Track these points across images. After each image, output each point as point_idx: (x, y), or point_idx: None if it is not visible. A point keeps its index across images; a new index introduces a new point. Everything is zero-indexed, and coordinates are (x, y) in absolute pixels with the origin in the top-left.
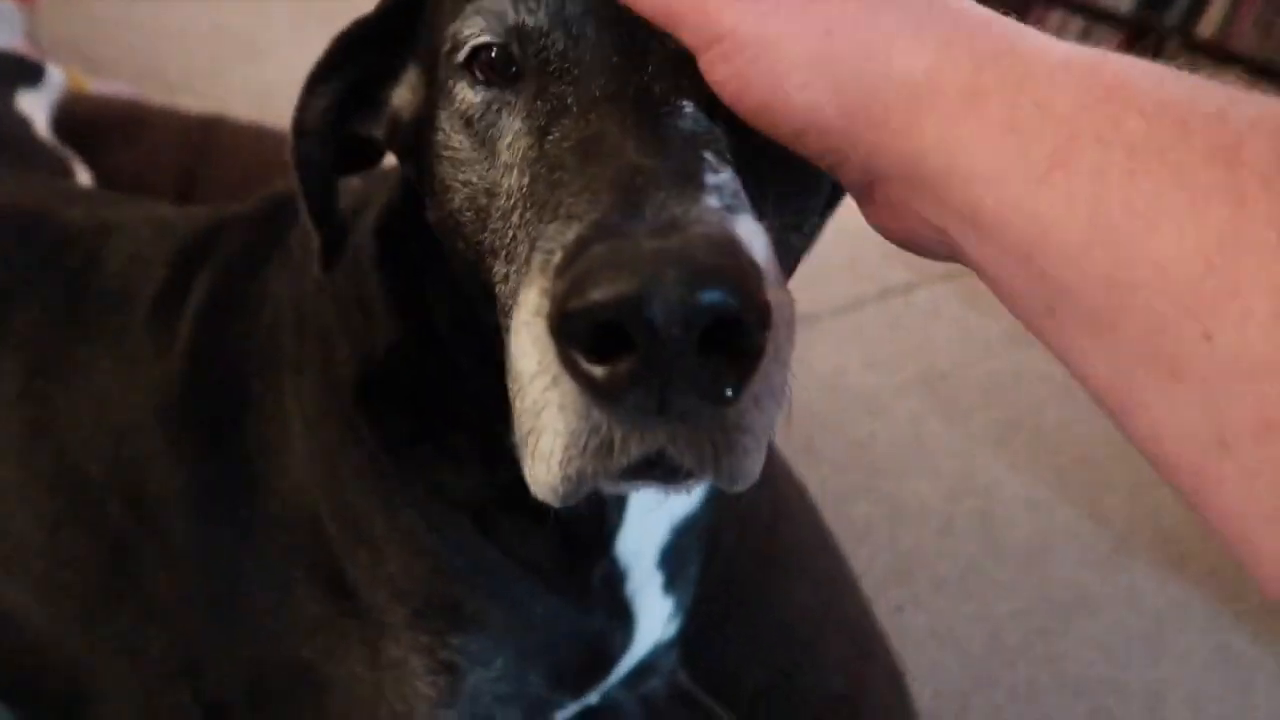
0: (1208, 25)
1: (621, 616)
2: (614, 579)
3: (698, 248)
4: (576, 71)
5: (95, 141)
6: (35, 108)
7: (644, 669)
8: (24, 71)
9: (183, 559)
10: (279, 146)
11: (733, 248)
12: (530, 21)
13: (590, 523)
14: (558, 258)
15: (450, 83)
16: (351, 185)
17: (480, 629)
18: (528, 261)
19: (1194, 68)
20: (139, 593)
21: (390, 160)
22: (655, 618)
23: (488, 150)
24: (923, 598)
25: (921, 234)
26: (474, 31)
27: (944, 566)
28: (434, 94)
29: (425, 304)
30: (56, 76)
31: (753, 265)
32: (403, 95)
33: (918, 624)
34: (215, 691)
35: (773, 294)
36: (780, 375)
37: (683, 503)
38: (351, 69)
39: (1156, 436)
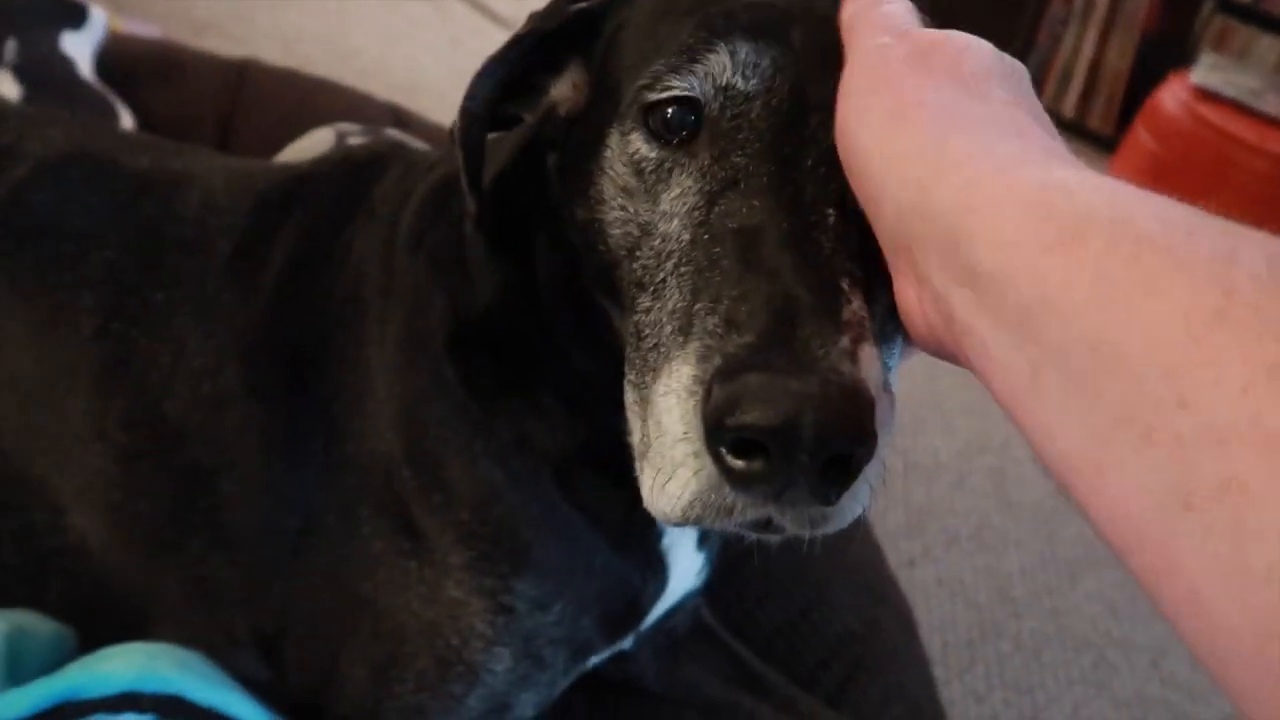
0: None
1: (655, 568)
2: (652, 534)
3: (831, 396)
4: (757, 147)
5: (131, 83)
6: (79, 49)
7: (671, 611)
8: (67, 13)
9: (256, 493)
10: (312, 92)
11: (856, 396)
12: (742, 85)
13: None
14: (718, 361)
15: (630, 123)
16: None
17: (543, 575)
18: (683, 332)
19: (1229, 31)
20: (210, 523)
21: None
22: (687, 570)
23: (650, 196)
24: (934, 551)
25: (928, 305)
26: (681, 86)
27: (956, 521)
28: (606, 109)
29: (527, 268)
30: (99, 18)
31: (869, 405)
32: (563, 90)
33: (928, 576)
34: (272, 620)
35: (880, 416)
36: (875, 469)
37: None
38: (519, 62)
39: (1123, 498)
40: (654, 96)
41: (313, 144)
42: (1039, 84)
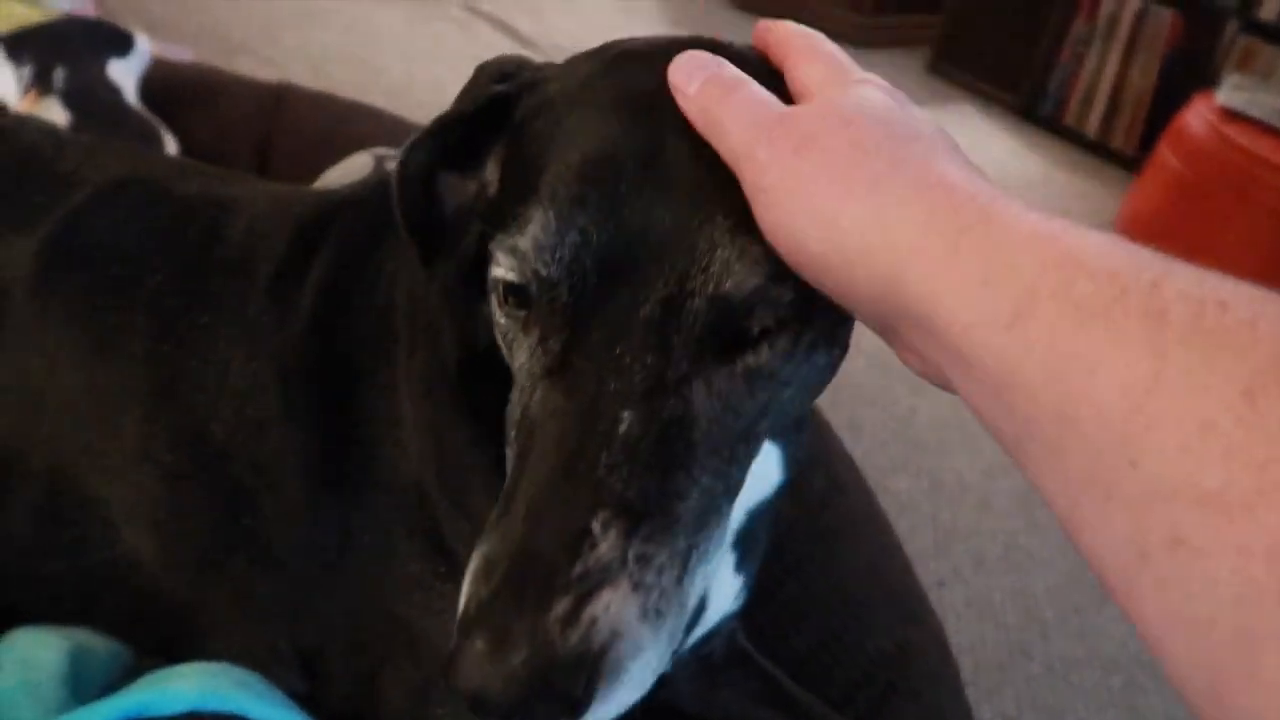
0: (1270, 7)
1: None
2: None
3: (518, 678)
4: (565, 335)
5: (174, 108)
6: (125, 76)
7: (709, 634)
8: (114, 41)
9: (294, 513)
10: (346, 115)
11: (553, 670)
12: (544, 272)
13: None
14: (472, 605)
15: (491, 281)
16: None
17: None
18: (490, 524)
19: (1253, 51)
20: (253, 542)
21: None
22: (725, 594)
23: (511, 354)
24: (963, 572)
25: (932, 369)
26: (503, 269)
27: (983, 542)
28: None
29: None
30: (144, 46)
31: (583, 670)
32: (492, 170)
33: (957, 597)
34: (314, 637)
35: (624, 651)
36: (638, 675)
37: (758, 489)
38: (452, 133)
39: (1096, 550)
40: (494, 274)
41: (351, 168)
42: (1062, 104)
